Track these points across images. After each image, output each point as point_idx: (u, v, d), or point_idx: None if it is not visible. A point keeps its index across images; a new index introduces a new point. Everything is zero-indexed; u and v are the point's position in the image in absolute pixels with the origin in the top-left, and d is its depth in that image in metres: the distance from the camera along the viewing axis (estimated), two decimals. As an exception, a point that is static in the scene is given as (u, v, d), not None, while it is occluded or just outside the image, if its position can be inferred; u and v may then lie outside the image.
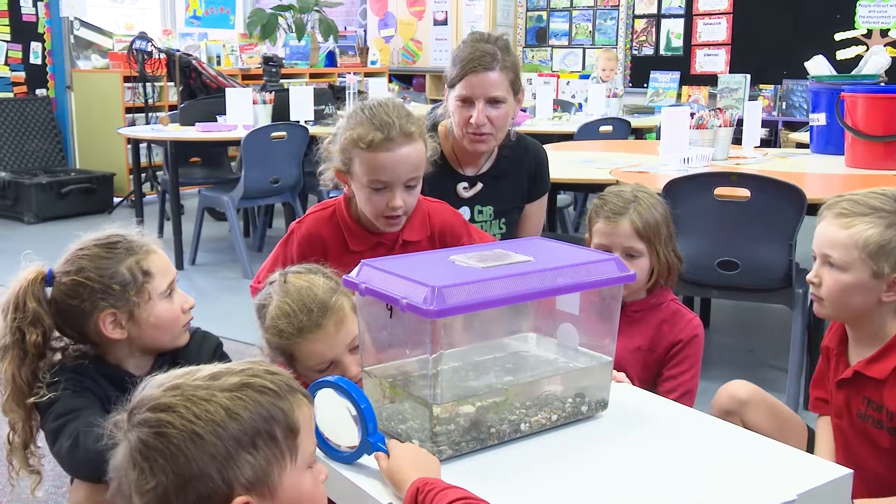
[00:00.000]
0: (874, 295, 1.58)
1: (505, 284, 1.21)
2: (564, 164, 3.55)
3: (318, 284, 1.50)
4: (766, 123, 6.32)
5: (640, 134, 5.62)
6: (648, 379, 1.93)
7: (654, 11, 7.71)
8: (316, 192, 4.93)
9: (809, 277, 1.67)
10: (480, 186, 2.45)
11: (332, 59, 8.41)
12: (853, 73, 3.94)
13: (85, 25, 7.14)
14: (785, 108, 6.99)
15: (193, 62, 6.22)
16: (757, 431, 1.51)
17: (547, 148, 2.66)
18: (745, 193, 2.66)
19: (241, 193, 4.60)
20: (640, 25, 7.82)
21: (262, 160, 4.61)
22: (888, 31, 6.56)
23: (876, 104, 3.32)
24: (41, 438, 1.53)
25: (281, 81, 6.20)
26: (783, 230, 2.65)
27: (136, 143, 5.45)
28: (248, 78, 7.24)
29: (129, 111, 6.75)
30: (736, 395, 1.78)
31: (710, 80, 7.21)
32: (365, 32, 9.15)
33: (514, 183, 2.50)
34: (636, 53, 7.86)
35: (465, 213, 2.43)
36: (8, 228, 5.93)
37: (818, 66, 3.92)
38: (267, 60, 6.23)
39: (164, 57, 6.24)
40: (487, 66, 2.28)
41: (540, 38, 8.46)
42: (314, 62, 8.09)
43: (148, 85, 6.39)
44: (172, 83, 6.49)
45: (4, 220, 6.16)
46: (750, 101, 5.32)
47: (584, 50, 8.21)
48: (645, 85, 7.67)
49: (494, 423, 1.27)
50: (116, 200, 6.54)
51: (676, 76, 7.55)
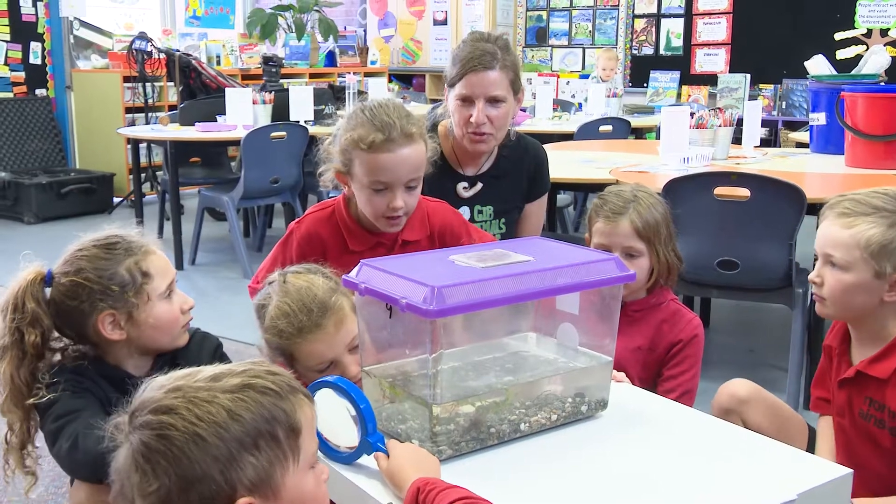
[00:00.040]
0: (876, 295, 1.58)
1: (504, 284, 1.21)
2: (564, 163, 3.55)
3: (317, 284, 1.49)
4: (765, 123, 6.31)
5: (639, 134, 5.62)
6: (648, 379, 1.93)
7: (653, 11, 7.71)
8: (316, 192, 4.92)
9: (811, 277, 1.66)
10: (480, 186, 2.45)
11: (331, 58, 8.41)
12: (853, 72, 3.94)
13: (85, 25, 7.14)
14: (785, 107, 6.99)
15: (193, 62, 6.22)
16: (757, 430, 1.52)
17: (547, 148, 2.66)
18: (744, 193, 2.66)
19: (240, 193, 4.60)
20: (639, 25, 7.81)
21: (261, 160, 4.61)
22: (888, 30, 6.56)
23: (876, 104, 3.32)
24: (40, 439, 1.53)
25: (281, 81, 6.20)
26: (783, 230, 2.65)
27: (135, 143, 5.45)
28: (247, 78, 7.24)
29: (128, 111, 6.75)
30: (736, 393, 1.78)
31: (709, 79, 7.21)
32: (365, 32, 9.15)
33: (513, 183, 2.50)
34: (636, 53, 7.86)
35: (464, 212, 2.43)
36: (8, 229, 5.93)
37: (818, 65, 3.92)
38: (267, 60, 6.22)
39: (163, 57, 6.24)
40: (487, 65, 2.28)
41: (540, 37, 8.46)
42: (314, 62, 8.09)
43: (148, 85, 6.40)
44: (172, 83, 6.49)
45: (4, 220, 6.16)
46: (750, 100, 5.32)
47: (583, 50, 8.20)
48: (645, 84, 7.67)
49: (494, 422, 1.27)
50: (116, 200, 6.54)
51: (676, 76, 7.55)
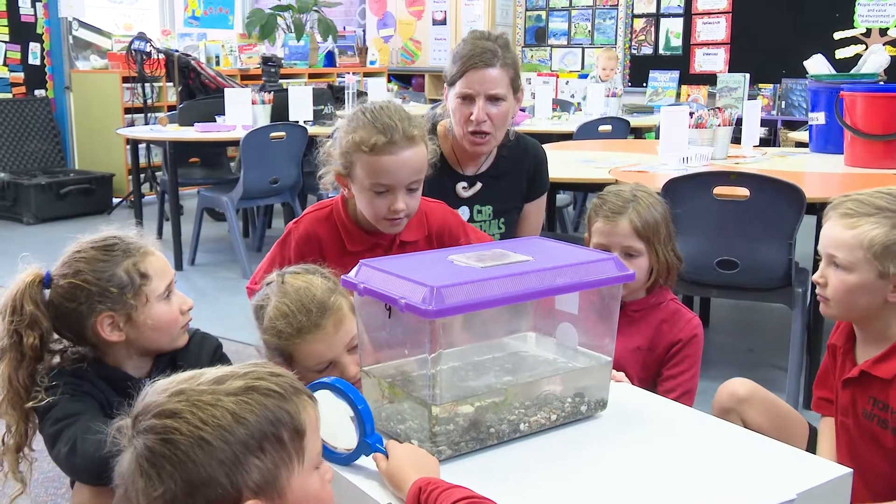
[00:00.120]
0: (880, 295, 1.58)
1: (504, 284, 1.21)
2: (564, 163, 3.55)
3: (316, 285, 1.49)
4: (765, 122, 6.31)
5: (639, 133, 5.62)
6: (648, 378, 1.93)
7: (653, 11, 7.70)
8: (315, 192, 4.92)
9: (815, 278, 1.66)
10: (480, 186, 2.45)
11: (331, 59, 8.40)
12: (852, 71, 3.93)
13: (84, 26, 7.14)
14: (784, 107, 6.99)
15: (192, 62, 6.22)
16: (757, 429, 1.52)
17: (546, 147, 2.65)
18: (744, 193, 2.66)
19: (240, 194, 4.60)
20: (639, 25, 7.81)
21: (261, 160, 4.61)
22: (887, 29, 6.56)
23: (875, 103, 3.32)
24: (39, 442, 1.53)
25: (280, 81, 6.19)
26: (782, 229, 2.65)
27: (135, 143, 5.45)
28: (247, 78, 7.24)
29: (127, 112, 6.75)
30: (736, 392, 1.78)
31: (709, 79, 7.21)
32: (364, 32, 9.14)
33: (513, 183, 2.50)
34: (635, 53, 7.86)
35: (464, 212, 2.43)
36: (7, 229, 5.93)
37: (817, 65, 3.91)
38: (266, 60, 6.22)
39: (162, 57, 6.24)
40: (488, 62, 2.28)
41: (539, 37, 8.46)
42: (313, 62, 8.09)
43: (147, 85, 6.39)
44: (171, 83, 6.48)
45: (3, 220, 6.15)
46: (749, 100, 5.33)
47: (583, 49, 8.20)
48: (644, 84, 7.67)
49: (494, 423, 1.27)
50: (115, 201, 6.53)
51: (675, 75, 7.55)
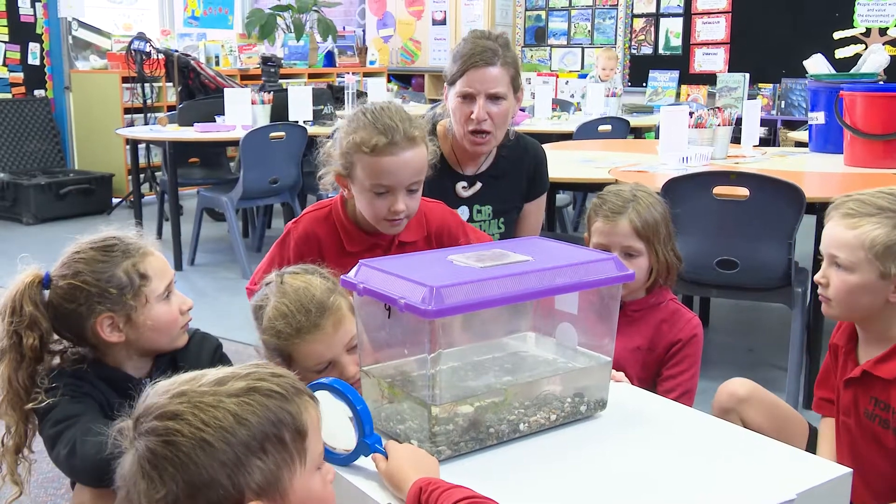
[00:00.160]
0: (881, 296, 1.58)
1: (503, 284, 1.21)
2: (563, 163, 3.55)
3: (315, 285, 1.49)
4: (764, 122, 6.31)
5: (639, 133, 5.62)
6: (648, 378, 1.93)
7: (652, 10, 7.70)
8: (315, 192, 4.92)
9: (817, 278, 1.66)
10: (479, 186, 2.45)
11: (330, 59, 8.40)
12: (852, 71, 3.93)
13: (83, 26, 7.13)
14: (784, 106, 6.99)
15: (192, 62, 6.22)
16: (757, 429, 1.52)
17: (546, 147, 2.65)
18: (744, 192, 2.66)
19: (239, 194, 4.60)
20: (638, 24, 7.81)
21: (260, 160, 4.61)
22: (887, 29, 6.56)
23: (874, 103, 3.32)
24: (38, 444, 1.52)
25: (279, 81, 6.19)
26: (782, 229, 2.65)
27: (134, 143, 5.45)
28: (246, 78, 7.24)
29: (127, 112, 6.75)
30: (735, 392, 1.78)
31: (708, 79, 7.21)
32: (363, 32, 9.14)
33: (512, 182, 2.50)
34: (635, 52, 7.85)
35: (463, 212, 2.43)
36: (6, 229, 5.93)
37: (817, 64, 3.91)
38: (265, 60, 6.22)
39: (162, 57, 6.23)
40: (489, 61, 2.28)
41: (539, 37, 8.46)
42: (313, 62, 8.09)
43: (146, 85, 6.39)
44: (171, 84, 6.48)
45: (3, 221, 6.15)
46: (749, 99, 5.33)
47: (582, 49, 8.20)
48: (644, 84, 7.67)
49: (493, 423, 1.27)
50: (115, 201, 6.53)
51: (675, 75, 7.55)
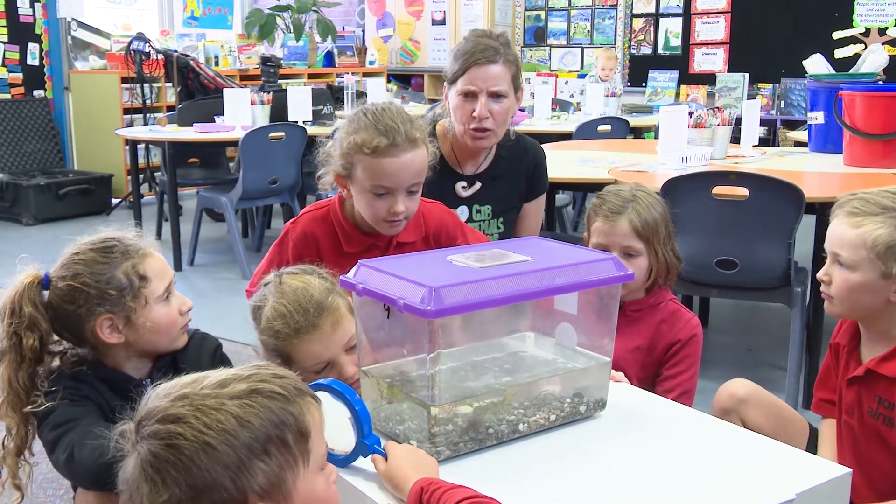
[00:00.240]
0: (883, 295, 1.57)
1: (503, 284, 1.21)
2: (563, 163, 3.55)
3: (313, 285, 1.49)
4: (764, 122, 6.29)
5: (638, 133, 5.62)
6: (647, 379, 1.93)
7: (652, 10, 7.70)
8: (315, 192, 4.92)
9: (820, 275, 1.66)
10: (479, 186, 2.45)
11: (330, 59, 8.40)
12: (851, 71, 3.93)
13: (82, 26, 7.13)
14: (783, 106, 6.99)
15: (191, 63, 6.22)
16: (757, 430, 1.52)
17: (545, 147, 2.65)
18: (743, 192, 2.66)
19: (239, 194, 4.60)
20: (638, 24, 7.81)
21: (260, 161, 4.60)
22: (886, 29, 6.56)
23: (874, 103, 3.31)
24: (38, 446, 1.52)
25: (279, 82, 6.19)
26: (782, 229, 2.65)
27: (134, 143, 5.45)
28: (246, 78, 7.24)
29: (126, 112, 6.74)
30: (735, 393, 1.78)
31: (708, 79, 7.21)
32: (363, 32, 9.14)
33: (512, 182, 2.49)
34: (634, 52, 7.85)
35: (463, 212, 2.43)
36: (6, 230, 5.92)
37: (816, 64, 3.91)
38: (265, 61, 6.21)
39: (161, 58, 6.23)
40: (491, 59, 2.28)
41: (538, 37, 8.45)
42: (312, 62, 8.08)
43: (146, 86, 6.39)
44: (170, 84, 6.48)
45: (2, 221, 6.15)
46: (748, 99, 5.33)
47: (582, 49, 8.20)
48: (643, 84, 7.67)
49: (492, 423, 1.27)
50: (115, 201, 6.53)
51: (675, 75, 7.55)
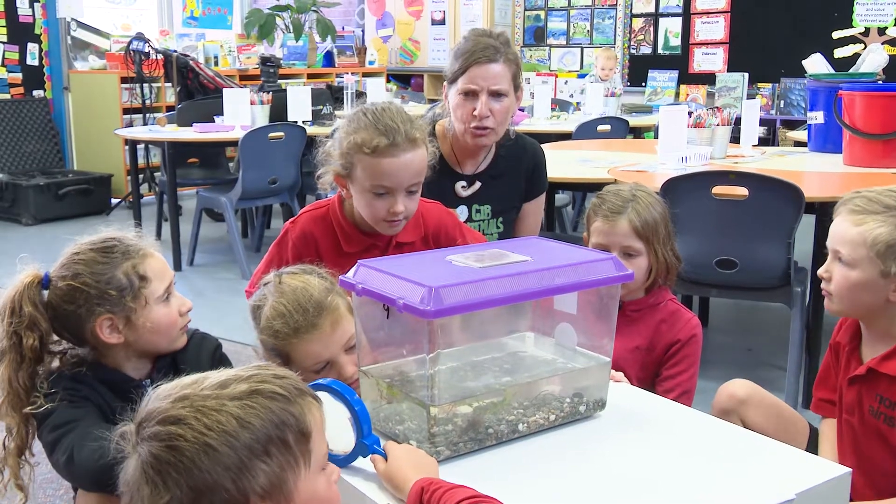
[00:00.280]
0: (882, 294, 1.57)
1: (502, 284, 1.21)
2: (562, 163, 3.55)
3: (313, 284, 1.49)
4: (764, 122, 6.30)
5: (638, 133, 5.62)
6: (647, 378, 1.93)
7: (651, 10, 7.70)
8: (314, 192, 4.92)
9: (820, 272, 1.67)
10: (479, 185, 2.45)
11: (329, 59, 8.40)
12: (851, 71, 3.93)
13: (82, 26, 7.13)
14: (783, 106, 6.99)
15: (191, 63, 6.22)
16: (757, 430, 1.51)
17: (545, 147, 2.65)
18: (743, 192, 2.66)
19: (239, 194, 4.60)
20: (637, 24, 7.81)
21: (259, 161, 4.60)
22: (886, 29, 6.56)
23: (873, 102, 3.31)
24: (38, 447, 1.52)
25: (279, 82, 6.19)
26: (781, 229, 2.65)
27: (133, 144, 5.44)
28: (245, 78, 7.23)
29: (126, 112, 6.74)
30: (735, 394, 1.78)
31: (708, 78, 7.21)
32: (363, 32, 9.14)
33: (511, 182, 2.49)
34: (634, 52, 7.85)
35: (462, 211, 2.43)
36: (5, 230, 5.92)
37: (816, 64, 3.91)
38: (264, 61, 6.21)
39: (161, 58, 6.23)
40: (491, 57, 2.28)
41: (538, 37, 8.45)
42: (312, 62, 8.08)
43: (145, 86, 6.39)
44: (170, 84, 6.48)
45: (2, 221, 6.15)
46: (748, 99, 5.32)
47: (582, 49, 8.20)
48: (643, 84, 7.67)
49: (492, 423, 1.27)
50: (114, 202, 6.53)
51: (674, 75, 7.55)
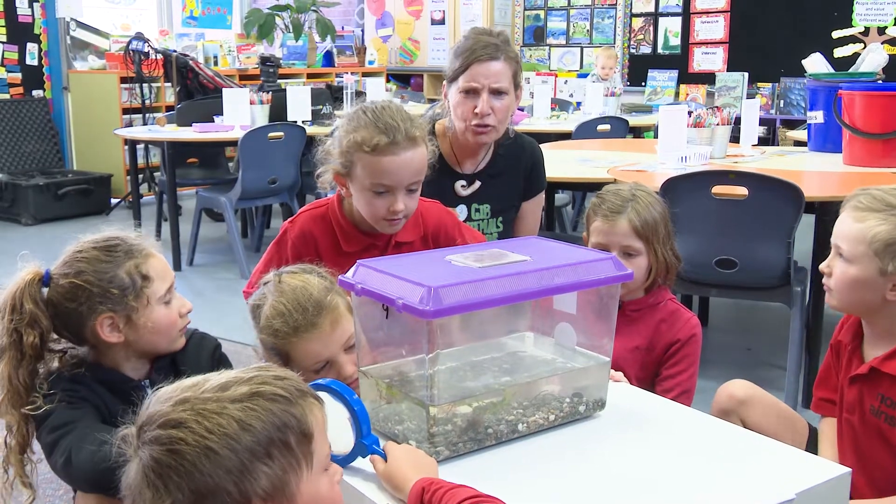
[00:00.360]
0: (879, 292, 1.57)
1: (502, 284, 1.21)
2: (562, 162, 3.55)
3: (312, 284, 1.49)
4: (763, 121, 6.31)
5: (637, 133, 5.62)
6: (646, 378, 1.93)
7: (651, 10, 7.70)
8: (314, 192, 4.92)
9: (822, 267, 1.67)
10: (478, 185, 2.45)
11: (329, 58, 8.40)
12: (850, 70, 3.93)
13: (81, 26, 7.13)
14: (783, 106, 6.99)
15: (190, 63, 6.21)
16: (757, 430, 1.51)
17: (545, 147, 2.66)
18: (742, 192, 2.65)
19: (238, 194, 4.59)
20: (637, 24, 7.81)
21: (259, 161, 4.60)
22: (885, 28, 6.56)
23: (873, 102, 3.31)
24: (38, 447, 1.52)
25: (278, 82, 6.19)
26: (781, 228, 2.65)
27: (133, 143, 5.45)
28: (245, 78, 7.23)
29: (126, 112, 6.74)
30: (734, 394, 1.77)
31: (707, 78, 7.21)
32: (362, 32, 9.14)
33: (510, 181, 2.49)
34: (634, 52, 7.85)
35: (462, 211, 2.43)
36: (5, 230, 5.92)
37: (816, 63, 3.91)
38: (264, 60, 6.21)
39: (160, 57, 6.23)
40: (492, 55, 2.28)
41: (537, 36, 8.45)
42: (311, 62, 8.08)
43: (145, 86, 6.38)
44: (169, 84, 6.48)
45: (1, 221, 6.15)
46: (748, 99, 5.32)
47: (581, 49, 8.20)
48: (643, 83, 7.67)
49: (492, 423, 1.27)
50: (114, 202, 6.53)
51: (674, 74, 7.55)
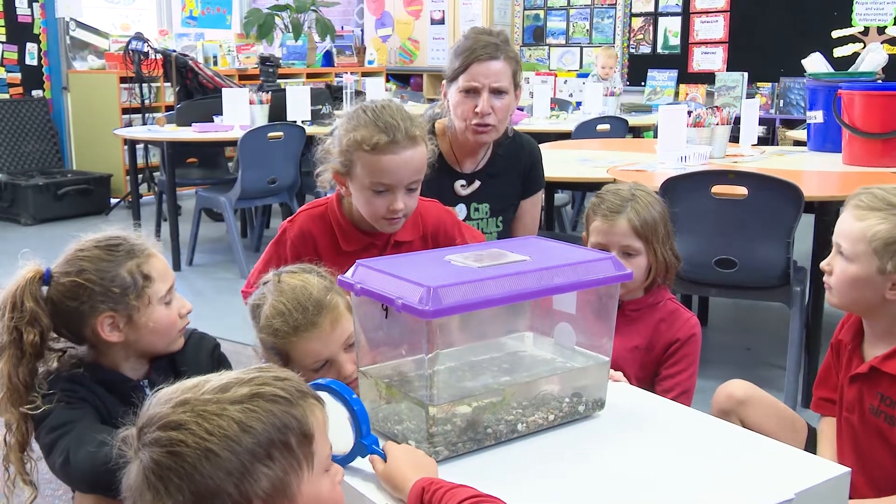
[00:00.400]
0: (878, 291, 1.57)
1: (501, 284, 1.21)
2: (562, 162, 3.55)
3: (312, 283, 1.49)
4: (763, 121, 6.31)
5: (637, 132, 5.62)
6: (646, 378, 1.93)
7: (651, 10, 7.70)
8: (314, 192, 4.92)
9: (823, 265, 1.67)
10: (478, 184, 2.45)
11: (329, 58, 8.40)
12: (850, 70, 3.93)
13: (81, 26, 7.13)
14: (782, 105, 6.99)
15: (190, 62, 6.21)
16: (756, 430, 1.51)
17: (544, 147, 2.66)
18: (742, 191, 2.66)
19: (238, 194, 4.59)
20: (637, 24, 7.81)
21: (259, 160, 4.60)
22: (885, 28, 6.55)
23: (873, 101, 3.31)
24: (37, 447, 1.52)
25: (278, 81, 6.19)
26: (781, 228, 2.65)
27: (132, 143, 5.44)
28: (244, 78, 7.23)
29: (125, 112, 6.74)
30: (734, 394, 1.78)
31: (707, 78, 7.22)
32: (362, 32, 9.14)
33: (509, 180, 2.50)
34: (633, 52, 7.85)
35: (461, 210, 2.43)
36: (5, 230, 5.92)
37: (815, 63, 3.91)
38: (264, 60, 6.21)
39: (160, 57, 6.23)
40: (492, 55, 2.29)
41: (537, 36, 8.45)
42: (311, 62, 8.08)
43: (144, 86, 6.38)
44: (169, 84, 6.48)
45: (1, 221, 6.15)
46: (747, 98, 5.33)
47: (581, 48, 8.20)
48: (642, 83, 7.67)
49: (491, 423, 1.27)
50: (113, 201, 6.53)
51: (674, 74, 7.55)
